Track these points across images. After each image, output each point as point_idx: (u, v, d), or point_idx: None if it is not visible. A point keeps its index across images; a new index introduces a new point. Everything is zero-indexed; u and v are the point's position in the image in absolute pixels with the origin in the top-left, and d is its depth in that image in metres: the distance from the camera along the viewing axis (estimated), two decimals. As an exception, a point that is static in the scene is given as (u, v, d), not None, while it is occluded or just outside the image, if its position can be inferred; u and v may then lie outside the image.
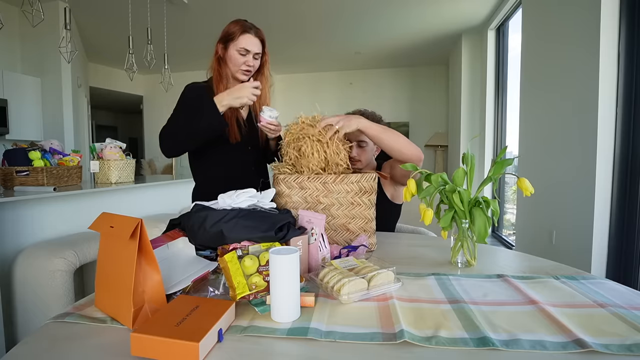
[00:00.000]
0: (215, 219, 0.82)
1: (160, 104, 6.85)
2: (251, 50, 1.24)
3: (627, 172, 2.10)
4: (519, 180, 0.88)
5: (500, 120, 4.42)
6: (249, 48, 1.23)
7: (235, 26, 1.24)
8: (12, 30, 3.86)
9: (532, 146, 3.07)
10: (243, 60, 1.24)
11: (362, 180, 1.04)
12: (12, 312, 1.69)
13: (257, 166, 1.38)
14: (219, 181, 1.26)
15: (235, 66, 1.25)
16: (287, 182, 1.06)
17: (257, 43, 1.25)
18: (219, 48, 1.27)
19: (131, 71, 3.10)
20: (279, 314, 0.61)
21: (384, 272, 0.75)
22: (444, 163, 6.24)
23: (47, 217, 1.96)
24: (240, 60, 1.24)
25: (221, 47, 1.26)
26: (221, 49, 1.26)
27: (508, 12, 4.00)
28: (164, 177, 3.44)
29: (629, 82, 2.08)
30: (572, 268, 0.89)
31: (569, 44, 2.50)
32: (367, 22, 4.55)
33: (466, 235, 0.90)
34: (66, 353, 0.53)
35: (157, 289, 0.63)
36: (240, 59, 1.24)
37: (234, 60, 1.24)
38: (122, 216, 0.64)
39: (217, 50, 1.27)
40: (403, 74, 6.68)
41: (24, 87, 3.88)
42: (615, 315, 0.62)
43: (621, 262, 2.12)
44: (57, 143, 2.32)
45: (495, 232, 4.48)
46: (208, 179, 1.34)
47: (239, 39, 1.23)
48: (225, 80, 1.27)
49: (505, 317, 0.62)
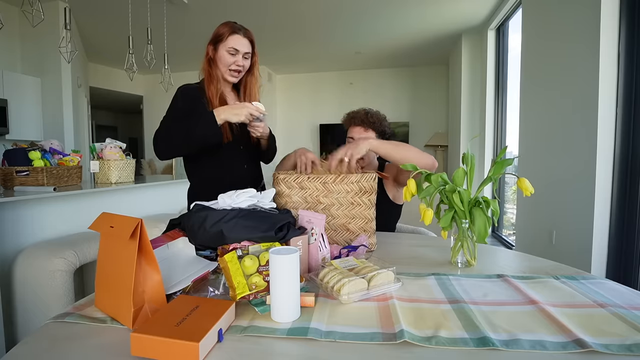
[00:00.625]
0: (215, 219, 0.82)
1: (160, 104, 6.81)
2: (240, 50, 1.25)
3: (627, 172, 2.10)
4: (519, 180, 0.88)
5: (500, 120, 4.42)
6: (238, 48, 1.25)
7: (224, 27, 1.26)
8: (12, 30, 3.86)
9: (532, 146, 3.07)
10: (233, 60, 1.26)
11: (362, 180, 1.04)
12: (12, 312, 1.69)
13: (249, 165, 1.38)
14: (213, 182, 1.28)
15: (224, 66, 1.27)
16: (287, 182, 1.06)
17: (246, 43, 1.27)
18: (209, 49, 1.28)
19: (131, 71, 3.10)
20: (279, 314, 0.61)
21: (384, 272, 0.75)
22: (444, 163, 6.24)
23: (47, 217, 1.96)
24: (230, 60, 1.26)
25: (211, 49, 1.28)
26: (211, 50, 1.28)
27: (508, 12, 4.00)
28: (164, 177, 3.44)
29: (629, 82, 2.08)
30: (572, 268, 0.89)
31: (568, 44, 2.50)
32: (367, 22, 4.55)
33: (466, 235, 0.90)
34: (66, 353, 0.53)
35: (157, 289, 0.63)
36: (230, 59, 1.25)
37: (223, 61, 1.26)
38: (122, 216, 0.64)
39: (207, 52, 1.29)
40: (403, 74, 6.67)
41: (24, 87, 3.88)
42: (615, 315, 0.62)
43: (621, 262, 2.12)
44: (57, 143, 2.32)
45: (495, 232, 4.48)
46: (202, 180, 1.35)
47: (228, 39, 1.24)
48: (216, 81, 1.28)
49: (505, 317, 0.62)
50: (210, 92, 1.26)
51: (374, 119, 1.45)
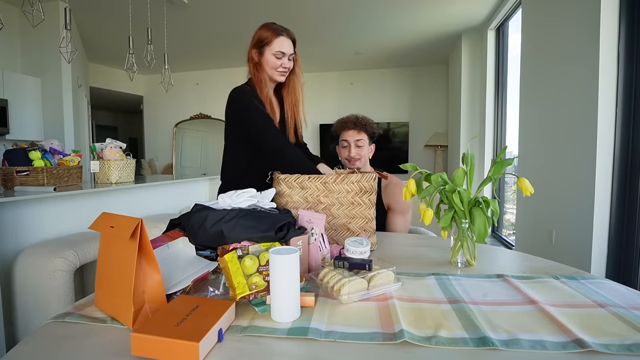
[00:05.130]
0: (215, 219, 0.82)
1: (161, 104, 6.86)
2: (286, 52, 1.28)
3: (626, 171, 2.10)
4: (519, 180, 0.88)
5: (500, 120, 4.42)
6: (285, 50, 1.28)
7: (267, 30, 1.28)
8: (12, 30, 3.86)
9: (532, 146, 3.07)
10: (280, 62, 1.28)
11: (363, 180, 1.05)
12: (12, 312, 1.69)
13: None
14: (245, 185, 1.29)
15: (272, 69, 1.29)
16: (288, 182, 1.07)
17: (290, 44, 1.30)
18: (254, 54, 1.30)
19: (131, 71, 3.10)
20: (279, 314, 0.61)
21: (384, 272, 0.75)
22: (443, 163, 6.23)
23: (47, 217, 1.96)
24: (277, 63, 1.28)
25: (255, 53, 1.30)
26: (256, 54, 1.30)
27: (508, 12, 3.99)
28: (164, 177, 3.44)
29: (629, 82, 2.08)
30: (572, 268, 0.89)
31: (568, 44, 2.50)
32: (366, 23, 4.55)
33: (466, 235, 0.90)
34: (66, 353, 0.53)
35: (157, 289, 0.63)
36: (277, 62, 1.28)
37: (270, 64, 1.28)
38: (122, 216, 0.64)
39: (251, 57, 1.30)
40: (403, 74, 6.67)
41: (24, 87, 3.88)
42: (615, 315, 0.62)
43: (621, 262, 2.12)
44: (58, 143, 2.32)
45: (495, 232, 4.48)
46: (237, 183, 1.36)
47: (274, 43, 1.26)
48: (265, 85, 1.32)
49: (505, 317, 0.62)
50: (263, 97, 1.29)
51: (364, 122, 1.54)
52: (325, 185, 1.05)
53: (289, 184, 1.07)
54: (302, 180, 1.06)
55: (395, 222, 1.51)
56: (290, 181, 1.07)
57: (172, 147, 6.85)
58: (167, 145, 6.97)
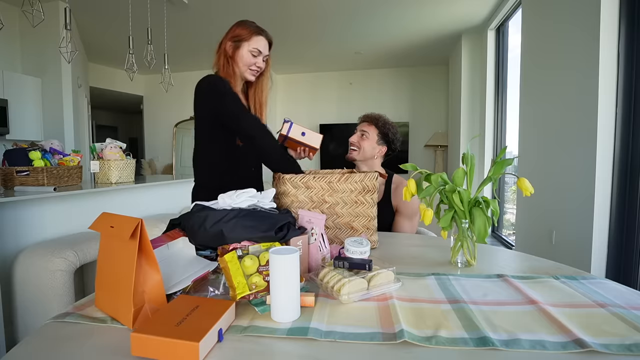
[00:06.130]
0: (215, 219, 0.82)
1: (161, 104, 6.85)
2: (263, 52, 1.28)
3: (626, 171, 2.10)
4: (519, 180, 0.88)
5: (500, 120, 4.42)
6: (262, 49, 1.27)
7: (247, 27, 1.26)
8: (12, 30, 3.86)
9: (532, 146, 3.07)
10: (254, 61, 1.27)
11: (365, 179, 1.07)
12: (12, 312, 1.69)
13: (256, 167, 1.40)
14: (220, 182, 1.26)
15: (245, 66, 1.27)
16: (293, 182, 1.07)
17: (267, 45, 1.29)
18: (228, 46, 1.26)
19: (131, 71, 3.10)
20: (279, 314, 0.61)
21: (384, 272, 0.75)
22: (443, 163, 6.23)
23: (47, 217, 1.96)
24: (252, 61, 1.27)
25: (231, 46, 1.26)
26: (231, 47, 1.26)
27: (508, 12, 3.99)
28: (164, 177, 3.44)
29: (629, 82, 2.08)
30: (572, 268, 0.89)
31: (568, 44, 2.50)
32: (366, 22, 4.55)
33: (466, 235, 0.90)
34: (66, 353, 0.53)
35: (157, 289, 0.63)
36: (252, 60, 1.27)
37: (245, 60, 1.26)
38: (122, 216, 0.64)
39: (225, 49, 1.26)
40: (403, 74, 6.67)
41: (24, 87, 3.88)
42: (615, 315, 0.62)
43: (621, 262, 2.12)
44: (58, 143, 2.32)
45: (495, 232, 4.48)
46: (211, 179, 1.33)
47: (252, 40, 1.25)
48: (238, 79, 1.29)
49: (505, 317, 0.62)
50: (236, 90, 1.26)
51: (379, 118, 1.59)
52: (329, 184, 1.07)
53: (294, 184, 1.07)
54: (307, 179, 1.07)
55: (402, 225, 1.50)
56: (295, 181, 1.08)
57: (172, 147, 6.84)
58: (167, 145, 6.97)
